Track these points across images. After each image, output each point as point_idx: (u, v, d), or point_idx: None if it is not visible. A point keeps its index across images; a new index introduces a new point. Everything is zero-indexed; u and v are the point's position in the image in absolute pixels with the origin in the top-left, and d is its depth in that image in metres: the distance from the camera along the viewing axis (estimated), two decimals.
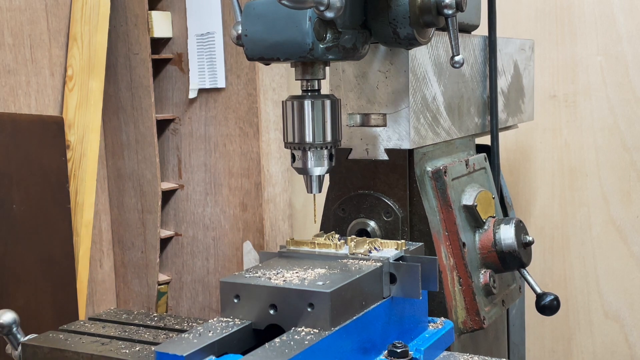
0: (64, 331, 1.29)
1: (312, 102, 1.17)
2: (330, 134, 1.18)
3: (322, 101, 1.17)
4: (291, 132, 1.18)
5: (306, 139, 1.17)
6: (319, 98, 1.17)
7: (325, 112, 1.18)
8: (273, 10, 1.09)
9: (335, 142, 1.19)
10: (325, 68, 1.19)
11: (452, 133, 1.44)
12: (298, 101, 1.17)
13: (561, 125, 2.17)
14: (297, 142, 1.18)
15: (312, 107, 1.17)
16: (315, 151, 1.18)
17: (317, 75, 1.17)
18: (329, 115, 1.18)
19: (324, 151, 1.18)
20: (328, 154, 1.19)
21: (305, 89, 1.18)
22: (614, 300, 2.16)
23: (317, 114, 1.17)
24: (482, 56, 1.55)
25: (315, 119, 1.17)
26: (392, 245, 1.19)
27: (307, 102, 1.17)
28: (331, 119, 1.18)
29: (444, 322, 1.23)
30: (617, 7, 2.06)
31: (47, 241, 2.04)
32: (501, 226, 1.37)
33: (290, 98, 1.19)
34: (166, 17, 2.36)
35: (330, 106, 1.18)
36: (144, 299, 2.46)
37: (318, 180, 1.20)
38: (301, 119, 1.17)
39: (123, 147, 2.42)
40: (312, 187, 1.20)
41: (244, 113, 2.29)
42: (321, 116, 1.17)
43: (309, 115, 1.17)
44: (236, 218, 2.35)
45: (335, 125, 1.19)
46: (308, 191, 1.21)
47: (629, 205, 2.11)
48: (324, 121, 1.18)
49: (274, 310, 1.02)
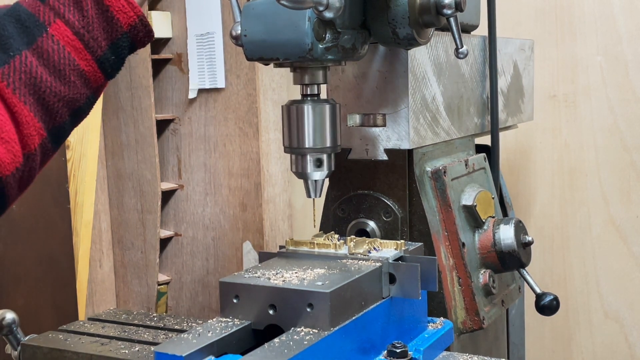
0: (63, 331, 1.29)
1: (312, 106, 1.17)
2: (330, 139, 1.18)
3: (322, 106, 1.17)
4: (290, 137, 1.18)
5: (305, 143, 1.17)
6: (318, 103, 1.17)
7: (325, 117, 1.18)
8: (272, 11, 1.09)
9: (334, 147, 1.19)
10: (326, 73, 1.19)
11: (451, 133, 1.44)
12: (297, 106, 1.17)
13: (561, 125, 2.17)
14: (296, 146, 1.18)
15: (312, 112, 1.17)
16: (315, 156, 1.18)
17: (317, 79, 1.17)
18: (328, 120, 1.18)
19: (323, 156, 1.18)
20: (327, 158, 1.19)
21: (304, 93, 1.18)
22: (614, 300, 2.16)
23: (316, 118, 1.17)
24: (481, 56, 1.55)
25: (315, 124, 1.17)
26: (392, 246, 1.19)
27: (306, 107, 1.17)
28: (330, 123, 1.18)
29: (444, 322, 1.23)
30: (617, 7, 2.06)
31: (47, 241, 2.04)
32: (501, 226, 1.37)
33: (289, 103, 1.19)
34: (166, 17, 2.36)
35: (330, 111, 1.18)
36: (143, 299, 2.47)
37: (317, 185, 1.20)
38: (300, 123, 1.17)
39: (123, 147, 2.42)
40: (311, 191, 1.21)
41: (244, 113, 2.29)
42: (320, 121, 1.17)
43: (308, 120, 1.17)
44: (236, 218, 2.35)
45: (335, 129, 1.19)
46: (307, 196, 1.21)
47: (628, 205, 2.11)
48: (324, 126, 1.18)
49: (273, 310, 1.02)
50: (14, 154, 0.96)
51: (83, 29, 1.01)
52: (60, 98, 1.00)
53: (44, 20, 1.00)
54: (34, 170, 1.01)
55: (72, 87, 1.01)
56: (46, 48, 0.99)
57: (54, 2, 1.00)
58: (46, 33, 0.99)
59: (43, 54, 0.99)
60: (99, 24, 1.02)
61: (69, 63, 1.00)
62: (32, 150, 0.98)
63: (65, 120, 1.03)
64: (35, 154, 0.99)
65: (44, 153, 1.02)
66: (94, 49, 1.02)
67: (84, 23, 1.01)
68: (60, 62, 1.00)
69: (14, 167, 0.96)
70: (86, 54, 1.02)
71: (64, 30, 1.00)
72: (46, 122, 1.00)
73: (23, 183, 1.01)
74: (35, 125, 0.98)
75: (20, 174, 0.98)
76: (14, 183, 0.97)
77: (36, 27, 0.99)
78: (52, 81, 0.99)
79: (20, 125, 0.97)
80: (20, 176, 0.98)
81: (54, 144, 1.04)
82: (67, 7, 1.00)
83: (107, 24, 1.02)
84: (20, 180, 0.99)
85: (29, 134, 0.98)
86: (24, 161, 0.98)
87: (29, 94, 0.97)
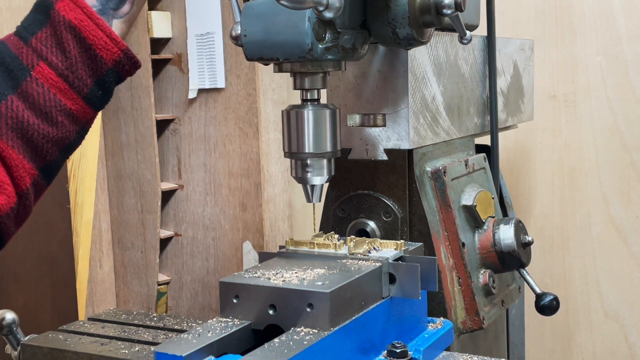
0: (63, 331, 1.29)
1: (312, 111, 1.17)
2: (330, 144, 1.18)
3: (322, 111, 1.17)
4: (290, 142, 1.18)
5: (305, 148, 1.17)
6: (318, 107, 1.17)
7: (325, 122, 1.18)
8: (272, 11, 1.09)
9: (334, 152, 1.19)
10: (326, 77, 1.19)
11: (451, 133, 1.44)
12: (297, 111, 1.17)
13: (561, 125, 2.17)
14: (296, 151, 1.18)
15: (312, 117, 1.17)
16: (315, 161, 1.18)
17: (316, 84, 1.17)
18: (328, 124, 1.18)
19: (323, 161, 1.18)
20: (327, 163, 1.19)
21: (304, 98, 1.18)
22: (614, 300, 2.16)
23: (316, 123, 1.17)
24: (481, 56, 1.55)
25: (315, 129, 1.17)
26: (392, 246, 1.19)
27: (306, 112, 1.17)
28: (331, 128, 1.18)
29: (444, 322, 1.23)
30: (617, 7, 2.06)
31: (47, 241, 2.04)
32: (501, 226, 1.37)
33: (289, 107, 1.19)
34: (166, 17, 2.36)
35: (330, 116, 1.18)
36: (143, 299, 2.46)
37: (317, 190, 1.20)
38: (300, 128, 1.17)
39: (123, 147, 2.42)
40: (311, 196, 1.21)
41: (244, 113, 2.29)
42: (320, 126, 1.17)
43: (308, 125, 1.17)
44: (236, 218, 2.35)
45: (335, 134, 1.19)
46: (307, 201, 1.21)
47: (628, 205, 2.11)
48: (324, 131, 1.18)
49: (273, 310, 1.02)
50: (7, 196, 0.98)
51: (67, 69, 1.01)
52: (48, 139, 1.01)
53: (27, 64, 1.00)
54: (28, 207, 1.04)
55: (60, 127, 1.02)
56: (31, 92, 0.99)
57: (36, 43, 1.00)
58: (30, 77, 0.99)
59: (28, 98, 0.99)
60: (83, 62, 1.01)
61: (55, 105, 1.00)
62: (24, 190, 1.01)
63: (56, 158, 1.05)
64: (28, 193, 1.01)
65: (37, 189, 1.04)
66: (80, 87, 1.02)
67: (68, 64, 1.00)
68: (46, 104, 1.00)
69: (9, 208, 0.99)
70: (72, 94, 1.02)
71: (48, 73, 1.00)
72: (36, 162, 1.02)
73: (19, 219, 1.03)
74: (25, 166, 1.00)
75: (15, 212, 1.00)
76: (10, 221, 1.00)
77: (20, 70, 0.99)
78: (39, 123, 1.00)
79: (11, 168, 0.99)
80: (16, 214, 1.01)
81: (47, 180, 1.06)
82: (49, 49, 1.00)
83: (92, 61, 1.02)
84: (16, 217, 1.02)
85: (19, 176, 1.00)
86: (18, 200, 1.00)
87: (16, 138, 0.99)
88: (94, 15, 1.01)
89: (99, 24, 1.01)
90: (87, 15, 1.01)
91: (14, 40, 1.02)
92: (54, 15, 1.01)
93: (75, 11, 1.01)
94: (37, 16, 1.02)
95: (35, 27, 1.01)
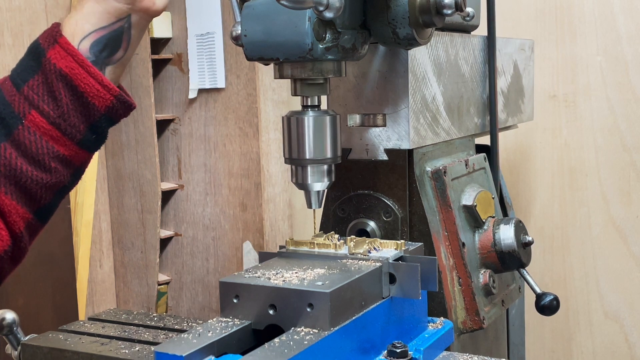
0: (63, 331, 1.29)
1: (312, 118, 1.17)
2: (330, 150, 1.18)
3: (322, 117, 1.17)
4: (291, 148, 1.18)
5: (306, 155, 1.17)
6: (318, 114, 1.17)
7: (325, 128, 1.18)
8: (272, 11, 1.09)
9: (335, 158, 1.19)
10: (326, 85, 1.19)
11: (451, 133, 1.44)
12: (298, 117, 1.17)
13: (561, 125, 2.17)
14: (296, 157, 1.18)
15: (312, 123, 1.17)
16: (315, 167, 1.18)
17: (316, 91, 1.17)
18: (328, 131, 1.18)
19: (323, 167, 1.18)
20: (328, 169, 1.19)
21: (305, 104, 1.18)
22: (614, 300, 2.16)
23: (316, 130, 1.17)
24: (481, 56, 1.55)
25: (315, 135, 1.17)
26: (392, 246, 1.19)
27: (306, 118, 1.17)
28: (331, 134, 1.18)
29: (444, 322, 1.23)
30: (617, 7, 2.06)
31: (47, 241, 2.04)
32: (501, 226, 1.37)
33: (289, 114, 1.19)
34: (166, 17, 2.36)
35: (330, 122, 1.18)
36: (143, 299, 2.47)
37: (318, 196, 1.20)
38: (301, 134, 1.17)
39: (123, 147, 2.42)
40: (312, 202, 1.21)
41: (244, 113, 2.29)
42: (321, 132, 1.17)
43: (308, 132, 1.17)
44: (236, 218, 2.35)
45: (335, 141, 1.19)
46: (308, 206, 1.21)
47: (629, 205, 2.11)
48: (324, 137, 1.18)
49: (273, 310, 1.02)
50: (2, 239, 1.00)
51: (59, 117, 1.00)
52: (42, 185, 1.02)
53: (19, 112, 1.00)
54: (24, 248, 1.05)
55: (53, 172, 1.02)
56: (23, 140, 0.99)
57: (28, 91, 1.00)
58: (22, 125, 0.99)
59: (20, 146, 0.99)
60: (75, 110, 1.01)
61: (47, 152, 1.01)
62: (18, 234, 1.02)
63: (50, 201, 1.05)
64: (22, 235, 1.03)
65: (32, 231, 1.05)
66: (73, 134, 1.02)
67: (59, 112, 1.00)
68: (38, 152, 1.00)
69: (2, 251, 1.00)
70: (65, 140, 1.02)
71: (40, 122, 1.00)
72: (30, 206, 1.03)
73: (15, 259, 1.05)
74: (18, 212, 1.01)
75: (10, 254, 1.02)
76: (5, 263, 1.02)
77: (12, 118, 0.99)
78: (32, 170, 1.00)
79: (4, 214, 1.00)
80: (10, 256, 1.02)
81: (42, 221, 1.06)
82: (41, 97, 1.00)
83: (84, 108, 1.01)
84: (11, 258, 1.03)
85: (12, 221, 1.01)
86: (13, 242, 1.01)
87: (9, 184, 0.99)
88: (85, 62, 1.00)
89: (90, 72, 1.00)
90: (79, 63, 1.00)
91: (7, 85, 1.02)
92: (45, 64, 1.00)
93: (66, 59, 1.00)
94: (30, 62, 1.02)
95: (27, 75, 1.01)
